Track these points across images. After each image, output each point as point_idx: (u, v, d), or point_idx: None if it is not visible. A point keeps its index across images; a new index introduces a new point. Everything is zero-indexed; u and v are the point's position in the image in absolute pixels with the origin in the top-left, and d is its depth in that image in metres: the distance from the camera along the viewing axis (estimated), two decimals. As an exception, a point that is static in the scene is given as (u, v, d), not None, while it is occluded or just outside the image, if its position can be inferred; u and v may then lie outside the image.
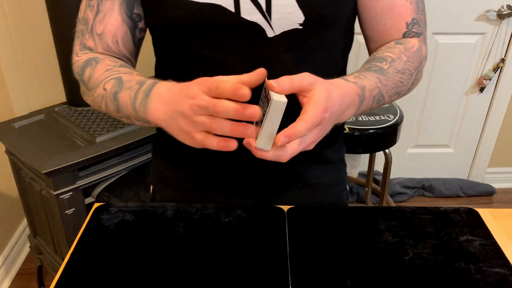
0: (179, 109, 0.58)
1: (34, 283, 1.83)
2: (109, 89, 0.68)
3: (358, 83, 0.65)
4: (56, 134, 1.53)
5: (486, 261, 0.69)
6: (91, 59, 0.73)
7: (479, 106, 2.26)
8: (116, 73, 0.69)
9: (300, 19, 0.68)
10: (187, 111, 0.56)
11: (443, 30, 2.07)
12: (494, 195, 2.41)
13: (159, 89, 0.62)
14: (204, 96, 0.55)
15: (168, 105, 0.60)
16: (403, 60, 0.72)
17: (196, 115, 0.56)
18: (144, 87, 0.64)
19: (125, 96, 0.66)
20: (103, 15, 0.72)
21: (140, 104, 0.64)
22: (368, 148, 1.69)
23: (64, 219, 1.43)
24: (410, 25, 0.75)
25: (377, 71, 0.68)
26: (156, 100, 0.62)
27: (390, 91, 0.70)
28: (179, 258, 0.69)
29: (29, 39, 1.84)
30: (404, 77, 0.72)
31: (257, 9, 0.66)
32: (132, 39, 0.76)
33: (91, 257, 0.69)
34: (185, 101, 0.57)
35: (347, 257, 0.69)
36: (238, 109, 0.53)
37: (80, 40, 0.75)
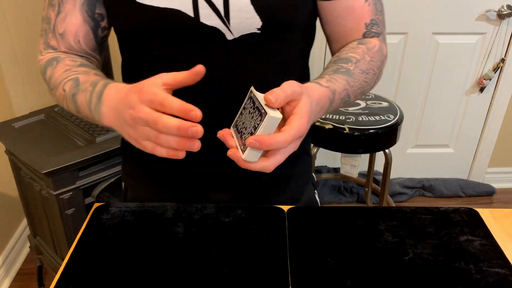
0: (123, 117, 0.57)
1: (34, 283, 1.83)
2: (68, 90, 0.69)
3: (330, 88, 0.66)
4: (56, 134, 1.53)
5: (486, 261, 0.69)
6: (52, 59, 0.74)
7: (479, 106, 2.27)
8: (74, 74, 0.70)
9: (258, 24, 0.69)
10: (129, 120, 0.56)
11: (443, 30, 2.07)
12: (494, 195, 2.41)
13: (109, 93, 0.62)
14: (144, 108, 0.54)
15: (115, 111, 0.60)
16: (367, 61, 0.73)
17: (138, 125, 0.55)
18: (96, 89, 0.65)
19: (81, 98, 0.67)
20: (64, 15, 0.74)
21: (94, 108, 0.64)
22: (368, 148, 1.69)
23: (64, 219, 1.43)
24: (369, 25, 0.76)
25: (345, 73, 0.70)
26: (106, 104, 0.62)
27: (356, 92, 0.72)
28: (179, 258, 0.69)
29: (29, 39, 1.84)
30: (369, 77, 0.74)
31: (215, 15, 0.68)
32: (94, 38, 0.77)
33: (91, 257, 0.69)
34: (126, 110, 0.56)
35: (347, 257, 0.69)
36: (180, 128, 0.52)
37: (44, 39, 0.77)
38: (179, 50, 0.71)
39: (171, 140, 0.53)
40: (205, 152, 0.70)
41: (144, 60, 0.75)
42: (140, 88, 0.55)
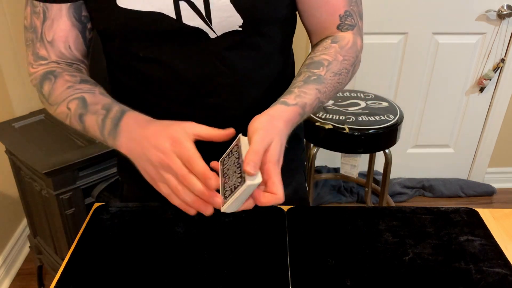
0: (146, 155, 0.60)
1: (34, 283, 1.83)
2: (73, 110, 0.68)
3: (299, 104, 0.67)
4: (56, 134, 1.53)
5: (486, 261, 0.68)
6: (49, 73, 0.73)
7: (479, 106, 2.26)
8: (79, 92, 0.69)
9: (239, 22, 0.70)
10: (155, 161, 0.59)
11: (443, 30, 2.07)
12: (494, 195, 2.40)
13: (128, 123, 0.64)
14: (176, 160, 0.57)
15: (137, 145, 0.62)
16: (339, 61, 0.74)
17: (163, 169, 0.59)
18: (111, 114, 0.66)
19: (91, 121, 0.67)
20: (51, 22, 0.72)
21: (109, 133, 0.65)
22: (368, 148, 1.69)
23: (64, 219, 1.43)
24: (343, 17, 0.77)
25: (315, 81, 0.71)
26: (125, 134, 0.63)
27: (329, 95, 0.73)
28: (179, 258, 0.69)
29: (29, 39, 1.84)
30: (342, 77, 0.74)
31: (197, 15, 0.68)
32: (83, 42, 0.76)
33: (91, 257, 0.69)
34: (153, 151, 0.59)
35: (347, 257, 0.69)
36: (204, 195, 0.57)
37: (32, 50, 0.74)
38: (162, 51, 0.71)
39: (188, 197, 0.58)
40: None
41: (129, 62, 0.75)
42: (172, 135, 0.59)
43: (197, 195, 0.57)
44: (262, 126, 0.61)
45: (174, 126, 0.60)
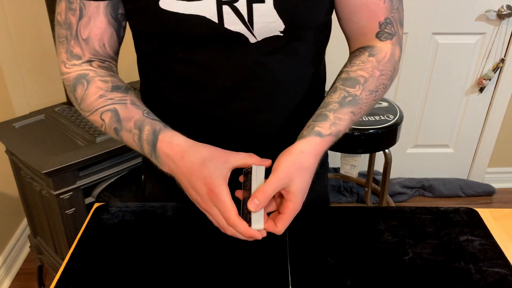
0: (187, 190, 0.67)
1: (34, 283, 1.83)
2: (108, 122, 0.71)
3: (333, 133, 0.69)
4: (56, 134, 1.53)
5: (486, 261, 0.69)
6: (81, 77, 0.73)
7: (479, 106, 2.26)
8: (111, 103, 0.70)
9: (280, 27, 0.69)
10: (195, 199, 0.66)
11: (443, 30, 2.07)
12: (494, 195, 2.40)
13: (164, 152, 0.67)
14: (214, 210, 0.64)
15: (177, 177, 0.67)
16: (376, 77, 0.74)
17: (202, 209, 0.66)
18: (144, 136, 0.69)
19: (128, 139, 0.71)
20: (87, 19, 0.71)
21: (149, 155, 0.69)
22: (368, 148, 1.69)
23: (64, 219, 1.43)
24: (383, 25, 0.75)
25: (350, 103, 0.71)
26: (165, 161, 0.68)
27: (363, 113, 0.74)
28: (179, 258, 0.69)
29: (29, 39, 1.84)
30: (378, 94, 0.75)
31: (239, 20, 0.68)
32: (117, 40, 0.76)
33: (91, 257, 0.69)
34: (192, 191, 0.66)
35: (347, 257, 0.69)
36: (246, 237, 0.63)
37: (66, 48, 0.74)
38: (201, 54, 0.71)
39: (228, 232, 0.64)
40: None
41: (164, 62, 0.75)
42: (207, 182, 0.63)
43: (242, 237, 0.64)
44: (284, 167, 0.64)
45: (209, 167, 0.63)
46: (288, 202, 0.64)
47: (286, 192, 0.64)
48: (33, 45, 1.85)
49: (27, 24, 1.81)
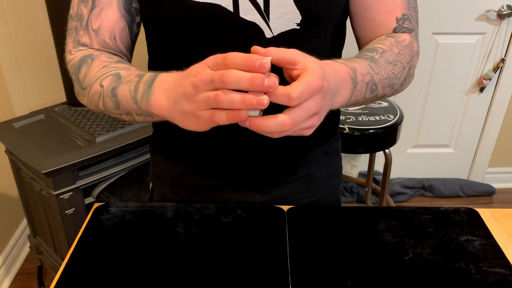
0: (181, 91, 0.55)
1: (34, 283, 1.83)
2: (107, 86, 0.66)
3: (348, 65, 0.62)
4: (56, 134, 1.53)
5: (486, 261, 0.68)
6: (86, 56, 0.71)
7: (479, 106, 2.26)
8: (114, 70, 0.67)
9: (297, 19, 0.68)
10: (189, 89, 0.53)
11: (443, 30, 2.07)
12: (494, 195, 2.41)
13: (162, 77, 0.61)
14: (207, 70, 0.52)
15: (171, 90, 0.58)
16: (395, 52, 0.71)
17: (199, 92, 0.52)
18: (145, 78, 0.63)
19: (124, 91, 0.64)
20: (99, 10, 0.70)
21: (142, 96, 0.62)
22: (368, 148, 1.69)
23: (64, 219, 1.43)
24: (400, 20, 0.74)
25: (368, 59, 0.67)
26: (159, 88, 0.60)
27: (383, 82, 0.68)
28: (179, 258, 0.69)
29: (29, 39, 1.84)
30: (396, 69, 0.70)
31: (255, 9, 0.67)
32: (129, 34, 0.74)
33: (91, 257, 0.69)
34: (187, 80, 0.54)
35: (347, 257, 0.69)
36: (254, 77, 0.48)
37: (74, 37, 0.73)
38: (215, 48, 0.68)
39: (235, 98, 0.49)
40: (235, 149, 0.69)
41: (178, 58, 0.73)
42: (207, 58, 0.53)
43: (249, 86, 0.49)
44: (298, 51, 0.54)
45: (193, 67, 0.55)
46: (306, 72, 0.52)
47: (298, 68, 0.53)
48: (33, 45, 1.85)
49: (27, 24, 1.81)
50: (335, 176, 0.91)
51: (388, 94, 0.72)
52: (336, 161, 0.91)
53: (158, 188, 0.91)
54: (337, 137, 0.89)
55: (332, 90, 0.57)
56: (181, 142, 0.82)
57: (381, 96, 0.71)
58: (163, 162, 0.87)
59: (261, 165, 0.81)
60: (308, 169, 0.84)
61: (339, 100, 0.62)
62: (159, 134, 0.87)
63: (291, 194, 0.84)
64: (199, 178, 0.83)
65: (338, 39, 0.78)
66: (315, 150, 0.84)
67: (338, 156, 0.91)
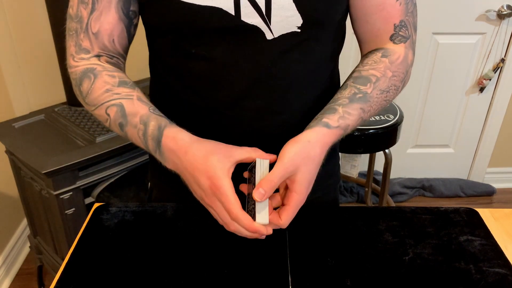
0: (191, 186, 0.65)
1: (34, 283, 1.83)
2: (113, 117, 0.69)
3: (342, 126, 0.68)
4: (56, 134, 1.53)
5: (486, 261, 0.68)
6: (89, 71, 0.72)
7: (479, 106, 2.26)
8: (117, 98, 0.69)
9: (298, 22, 0.68)
10: (199, 194, 0.65)
11: (443, 30, 2.07)
12: (494, 195, 2.40)
13: (168, 147, 0.66)
14: (217, 204, 0.62)
15: (181, 172, 0.66)
16: (388, 77, 0.73)
17: (206, 204, 0.65)
18: (149, 131, 0.67)
19: (133, 134, 0.69)
20: (99, 13, 0.71)
21: (154, 151, 0.68)
22: (368, 148, 1.69)
23: (64, 219, 1.43)
24: (397, 27, 0.75)
25: (360, 100, 0.70)
26: (169, 156, 0.66)
27: (373, 113, 0.74)
28: (179, 258, 0.69)
29: (29, 39, 1.84)
30: (389, 95, 0.74)
31: (257, 13, 0.67)
32: (127, 37, 0.75)
33: (91, 257, 0.69)
34: (195, 186, 0.64)
35: (347, 257, 0.69)
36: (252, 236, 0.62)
37: (75, 41, 0.74)
38: (216, 49, 0.70)
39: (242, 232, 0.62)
40: None
41: (178, 59, 0.74)
42: (210, 175, 0.61)
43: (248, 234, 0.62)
44: (290, 155, 0.62)
45: (212, 160, 0.62)
46: (293, 193, 0.63)
47: (291, 182, 0.63)
48: (33, 45, 1.85)
49: (27, 24, 1.81)
50: (333, 175, 0.91)
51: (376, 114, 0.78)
52: (334, 160, 0.91)
53: (156, 187, 0.91)
54: None
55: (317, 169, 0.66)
56: None
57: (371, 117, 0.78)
58: None
59: None
60: None
61: None
62: None
63: None
64: None
65: (337, 41, 0.78)
66: None
67: (335, 155, 0.92)
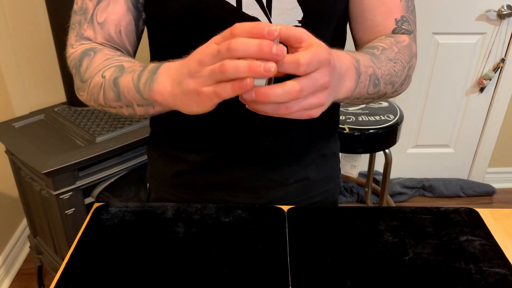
0: (186, 70, 0.53)
1: (34, 283, 1.83)
2: (109, 76, 0.64)
3: (351, 55, 0.62)
4: (56, 134, 1.53)
5: (486, 261, 0.68)
6: (89, 49, 0.69)
7: (479, 106, 2.27)
8: (117, 62, 0.66)
9: (299, 16, 0.69)
10: (194, 66, 0.51)
11: (443, 30, 2.07)
12: (494, 195, 2.41)
13: (168, 64, 0.59)
14: (213, 45, 0.50)
15: (176, 73, 0.56)
16: (395, 51, 0.71)
17: (204, 66, 0.50)
18: (149, 67, 0.61)
19: (126, 80, 0.62)
20: (106, 3, 0.69)
21: (145, 83, 0.60)
22: (368, 148, 1.69)
23: (64, 219, 1.43)
24: (399, 22, 0.74)
25: (369, 54, 0.67)
26: (164, 73, 0.58)
27: (385, 78, 0.67)
28: (179, 258, 0.69)
29: (29, 39, 1.84)
30: (397, 67, 0.69)
31: (258, 5, 0.67)
32: (135, 30, 0.74)
33: (91, 257, 0.69)
34: (192, 58, 0.52)
35: (347, 257, 0.69)
36: (262, 44, 0.46)
37: (77, 31, 0.71)
38: None
39: (241, 64, 0.47)
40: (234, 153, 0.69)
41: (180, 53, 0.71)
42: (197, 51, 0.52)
43: (257, 52, 0.47)
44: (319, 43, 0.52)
45: None
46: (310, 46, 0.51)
47: (304, 46, 0.51)
48: (33, 45, 1.85)
49: (27, 24, 1.81)
50: (333, 180, 0.91)
51: (389, 93, 0.72)
52: (334, 164, 0.90)
53: (155, 188, 0.91)
54: (335, 139, 0.89)
55: (338, 72, 0.55)
56: (179, 142, 0.82)
57: (382, 94, 0.70)
58: (160, 163, 0.87)
59: (258, 166, 0.81)
60: (306, 172, 0.84)
61: (344, 89, 0.60)
62: (157, 134, 0.87)
63: (288, 197, 0.84)
64: (196, 179, 0.83)
65: (339, 38, 0.78)
66: (312, 151, 0.83)
67: (336, 159, 0.91)
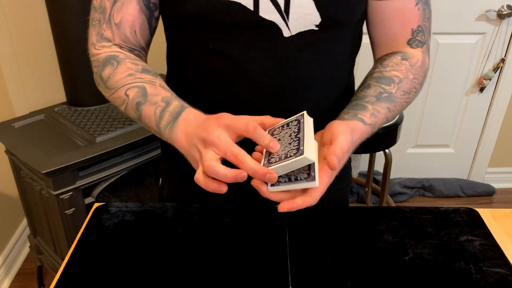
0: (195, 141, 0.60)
1: (34, 283, 1.83)
2: (132, 97, 0.68)
3: (373, 124, 0.69)
4: (56, 134, 1.53)
5: (486, 261, 0.68)
6: (112, 58, 0.73)
7: (479, 106, 2.26)
8: (139, 81, 0.69)
9: (316, 21, 0.69)
10: (198, 156, 0.60)
11: (443, 30, 2.07)
12: (494, 195, 2.40)
13: (187, 118, 0.63)
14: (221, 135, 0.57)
15: (190, 134, 0.62)
16: (410, 79, 0.74)
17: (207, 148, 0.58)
18: (171, 108, 0.65)
19: (149, 111, 0.67)
20: (121, 4, 0.72)
21: (165, 126, 0.65)
22: (368, 148, 1.69)
23: (64, 219, 1.43)
24: (415, 32, 0.75)
25: (387, 99, 0.71)
26: (182, 127, 0.63)
27: (395, 114, 0.74)
28: (179, 258, 0.69)
29: (29, 39, 1.84)
30: (410, 96, 0.75)
31: (275, 9, 0.67)
32: (148, 29, 0.76)
33: (91, 257, 0.69)
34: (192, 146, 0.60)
35: (347, 257, 0.69)
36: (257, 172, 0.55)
37: (97, 30, 0.75)
38: (233, 45, 0.70)
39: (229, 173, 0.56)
40: None
41: (194, 54, 0.74)
42: (219, 116, 0.59)
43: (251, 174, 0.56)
44: (346, 131, 0.61)
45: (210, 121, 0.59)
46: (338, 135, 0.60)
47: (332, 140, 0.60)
48: (33, 45, 1.85)
49: (27, 24, 1.81)
50: (344, 178, 0.91)
51: None
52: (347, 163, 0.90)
53: (169, 182, 0.91)
54: None
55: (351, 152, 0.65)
56: None
57: None
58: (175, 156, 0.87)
59: None
60: None
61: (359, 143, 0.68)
62: None
63: None
64: None
65: (354, 43, 0.79)
66: None
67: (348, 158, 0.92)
